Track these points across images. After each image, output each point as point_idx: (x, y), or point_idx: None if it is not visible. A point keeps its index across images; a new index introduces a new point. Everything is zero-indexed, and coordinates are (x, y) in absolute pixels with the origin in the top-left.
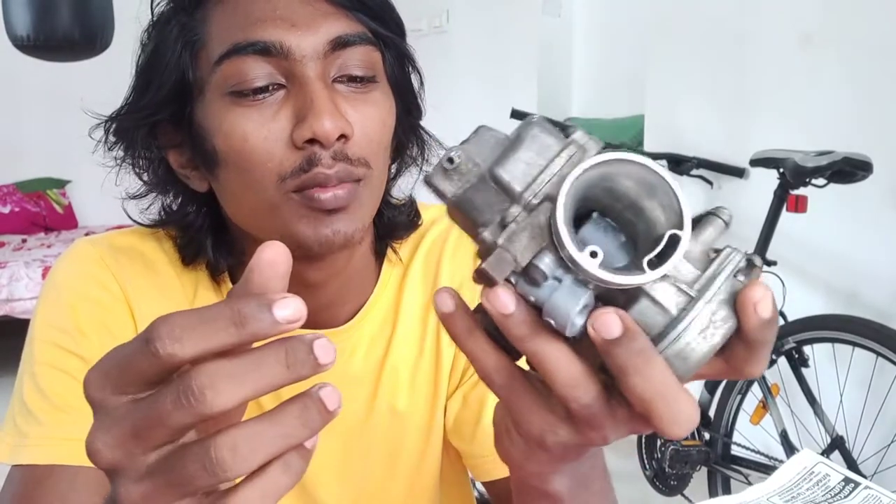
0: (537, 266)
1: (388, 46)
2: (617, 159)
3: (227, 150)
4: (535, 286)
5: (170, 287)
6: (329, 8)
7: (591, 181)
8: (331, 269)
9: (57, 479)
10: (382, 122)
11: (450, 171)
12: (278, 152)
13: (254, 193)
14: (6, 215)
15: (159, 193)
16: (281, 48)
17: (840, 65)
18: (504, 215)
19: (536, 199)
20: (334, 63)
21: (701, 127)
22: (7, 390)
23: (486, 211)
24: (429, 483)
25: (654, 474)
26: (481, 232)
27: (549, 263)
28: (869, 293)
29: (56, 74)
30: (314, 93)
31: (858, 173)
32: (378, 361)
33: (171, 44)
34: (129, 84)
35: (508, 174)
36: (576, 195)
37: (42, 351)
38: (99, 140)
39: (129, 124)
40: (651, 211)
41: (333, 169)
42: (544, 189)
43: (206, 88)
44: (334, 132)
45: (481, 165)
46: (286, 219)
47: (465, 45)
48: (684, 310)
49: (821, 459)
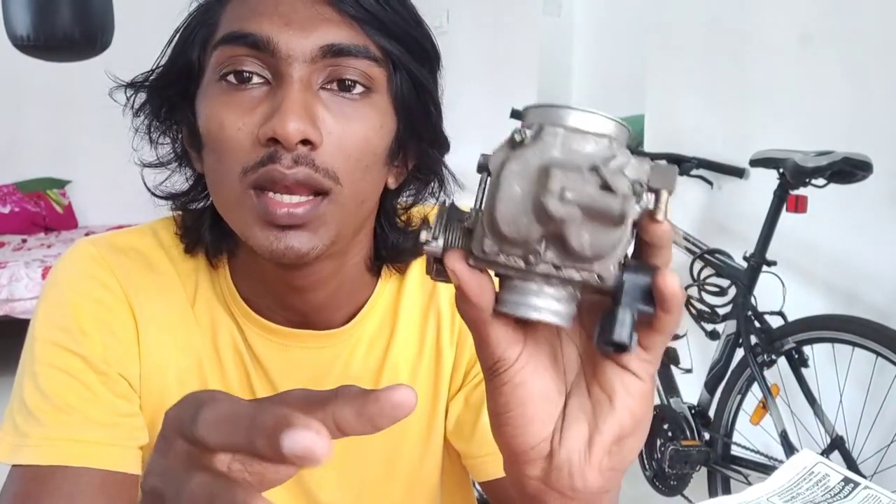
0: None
1: (398, 67)
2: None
3: (207, 135)
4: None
5: (170, 286)
6: (332, 14)
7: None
8: (314, 277)
9: (61, 480)
10: (365, 137)
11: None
12: (246, 145)
13: (223, 183)
14: (6, 215)
15: (178, 167)
16: (268, 44)
17: (840, 64)
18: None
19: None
20: (324, 70)
21: (701, 127)
22: (7, 390)
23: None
24: (429, 484)
25: (654, 474)
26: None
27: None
28: (869, 293)
29: (56, 74)
30: (287, 93)
31: (858, 173)
32: (377, 362)
33: (192, 24)
34: (159, 54)
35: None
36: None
37: (43, 351)
38: (125, 105)
39: (148, 93)
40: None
41: (292, 171)
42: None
43: (205, 72)
44: (295, 135)
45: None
46: (245, 219)
47: (465, 45)
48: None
49: (820, 459)
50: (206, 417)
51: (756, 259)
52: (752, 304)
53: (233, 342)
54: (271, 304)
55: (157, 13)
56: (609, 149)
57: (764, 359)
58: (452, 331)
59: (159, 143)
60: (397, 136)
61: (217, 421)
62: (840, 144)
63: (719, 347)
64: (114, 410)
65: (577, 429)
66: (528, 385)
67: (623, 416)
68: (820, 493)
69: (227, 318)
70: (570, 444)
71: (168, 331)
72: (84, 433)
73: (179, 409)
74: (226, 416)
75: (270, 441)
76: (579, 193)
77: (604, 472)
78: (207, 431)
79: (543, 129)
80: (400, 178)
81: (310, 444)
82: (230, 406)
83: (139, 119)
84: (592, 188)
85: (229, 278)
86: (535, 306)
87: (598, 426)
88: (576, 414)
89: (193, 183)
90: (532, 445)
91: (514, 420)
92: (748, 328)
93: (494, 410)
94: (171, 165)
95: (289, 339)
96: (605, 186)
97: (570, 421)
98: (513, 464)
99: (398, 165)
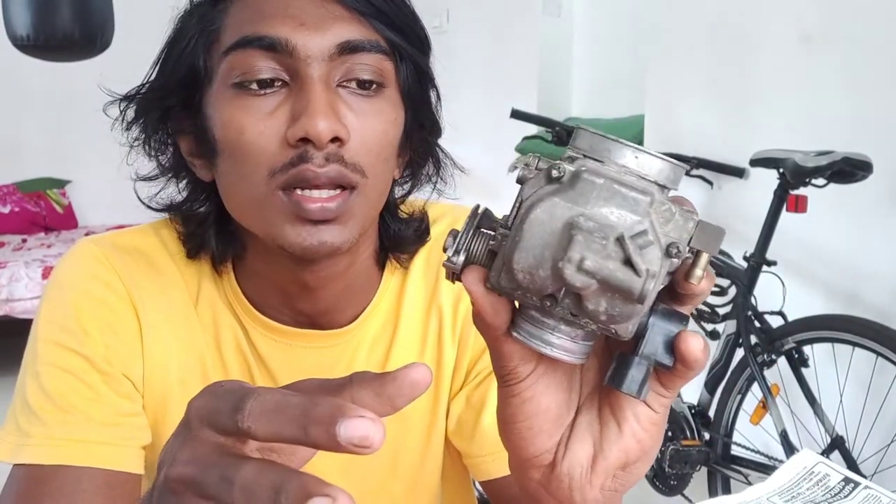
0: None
1: (403, 58)
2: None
3: (225, 141)
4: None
5: (173, 285)
6: (342, 12)
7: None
8: (328, 274)
9: (63, 480)
10: (384, 131)
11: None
12: (272, 148)
13: (245, 187)
14: (6, 215)
15: (171, 178)
16: (286, 45)
17: (840, 64)
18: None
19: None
20: (340, 67)
21: (701, 127)
22: (7, 390)
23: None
24: (430, 483)
25: (654, 474)
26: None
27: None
28: (869, 293)
29: (56, 74)
30: (312, 93)
31: (858, 173)
32: (380, 362)
33: (190, 31)
34: (150, 65)
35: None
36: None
37: (46, 350)
38: (116, 118)
39: (143, 105)
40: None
41: (324, 169)
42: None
43: (214, 78)
44: (327, 133)
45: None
46: (272, 220)
47: (465, 45)
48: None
49: (821, 459)
50: (253, 409)
51: (756, 259)
52: (752, 303)
53: (236, 341)
54: (279, 304)
55: (157, 13)
56: (647, 211)
57: (764, 359)
58: (454, 330)
59: (155, 154)
60: (406, 127)
61: (265, 412)
62: (840, 144)
63: (719, 347)
64: (116, 410)
65: (581, 446)
66: (537, 400)
67: (630, 443)
68: (820, 493)
69: (230, 318)
70: (573, 459)
71: (171, 330)
72: (86, 433)
73: (210, 399)
74: (274, 407)
75: (328, 430)
76: (599, 266)
77: (605, 492)
78: (255, 422)
79: (581, 175)
80: (402, 167)
81: (366, 432)
82: (278, 397)
83: (131, 133)
84: (614, 262)
85: (233, 278)
86: (549, 342)
87: (604, 450)
88: (583, 432)
89: (191, 191)
90: (535, 455)
91: (519, 431)
92: (748, 328)
93: (502, 417)
94: (165, 177)
95: (293, 339)
96: (628, 262)
97: (576, 437)
98: (516, 465)
99: (402, 155)
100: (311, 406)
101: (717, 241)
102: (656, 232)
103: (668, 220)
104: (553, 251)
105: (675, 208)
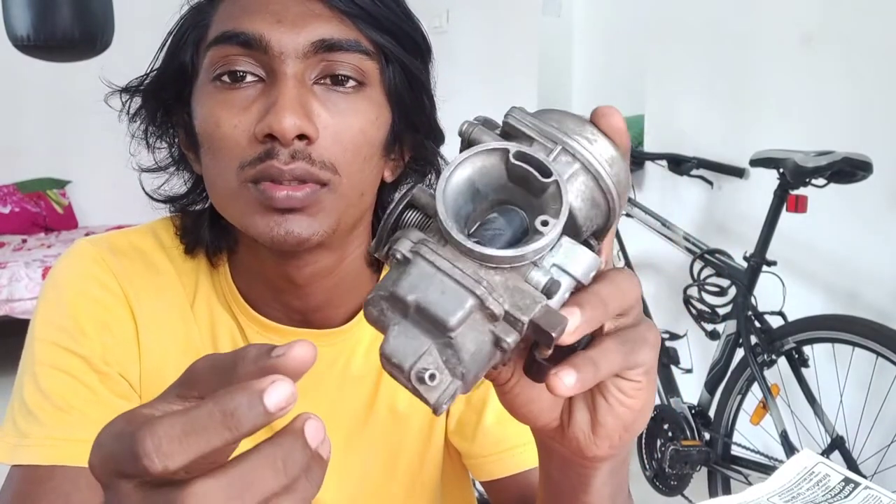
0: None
1: (390, 60)
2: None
3: (204, 134)
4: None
5: (170, 287)
6: (323, 10)
7: (466, 179)
8: (313, 271)
9: (60, 480)
10: (361, 129)
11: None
12: (243, 142)
13: (221, 180)
14: (6, 215)
15: (175, 170)
16: (260, 42)
17: (840, 64)
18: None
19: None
20: (317, 65)
21: (701, 127)
22: (7, 390)
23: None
24: (429, 483)
25: (654, 474)
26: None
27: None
28: (869, 293)
29: (56, 74)
30: (281, 90)
31: (858, 173)
32: (378, 362)
33: (184, 27)
34: (153, 58)
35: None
36: (464, 193)
37: (43, 351)
38: (120, 111)
39: (142, 97)
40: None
41: (289, 166)
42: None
43: (199, 72)
44: (292, 131)
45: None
46: (244, 210)
47: (465, 45)
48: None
49: (821, 459)
50: (158, 445)
51: (756, 259)
52: (753, 304)
53: (232, 340)
54: (270, 300)
55: (157, 13)
56: (469, 309)
57: (764, 359)
58: None
59: (156, 147)
60: (393, 129)
61: (173, 441)
62: (840, 144)
63: (719, 347)
64: (114, 410)
65: (581, 416)
66: (525, 393)
67: (621, 411)
68: (820, 494)
69: (226, 317)
70: (576, 427)
71: (167, 331)
72: (84, 433)
73: (100, 450)
74: (182, 431)
75: (254, 412)
76: (399, 378)
77: (613, 446)
78: (170, 458)
79: (414, 261)
80: (396, 171)
81: (290, 389)
82: (180, 418)
83: (135, 124)
84: (407, 381)
85: (229, 277)
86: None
87: (599, 419)
88: (580, 404)
89: (192, 185)
90: (543, 425)
91: (522, 413)
92: (748, 328)
93: (503, 403)
94: (170, 169)
95: (288, 338)
96: (420, 381)
97: (575, 408)
98: (531, 431)
99: (395, 159)
100: (222, 403)
101: (562, 324)
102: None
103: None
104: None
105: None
